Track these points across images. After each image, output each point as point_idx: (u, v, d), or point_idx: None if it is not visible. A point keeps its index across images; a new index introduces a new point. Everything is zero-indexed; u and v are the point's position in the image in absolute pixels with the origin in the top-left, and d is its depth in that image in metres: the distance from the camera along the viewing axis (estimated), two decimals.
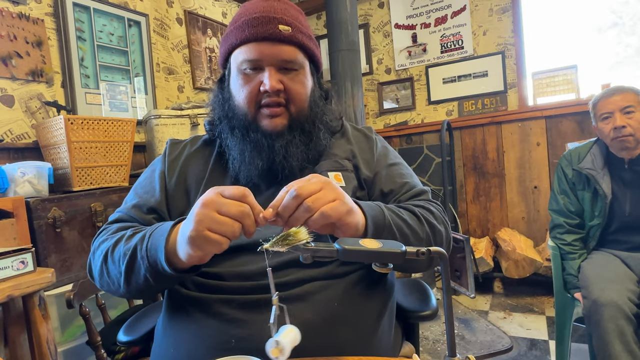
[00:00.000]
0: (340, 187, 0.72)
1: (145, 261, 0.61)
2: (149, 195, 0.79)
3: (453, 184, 2.95)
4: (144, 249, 0.61)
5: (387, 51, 3.28)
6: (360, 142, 0.87)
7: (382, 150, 0.88)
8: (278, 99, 0.73)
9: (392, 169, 0.84)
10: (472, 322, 2.23)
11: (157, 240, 0.60)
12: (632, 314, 1.22)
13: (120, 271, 0.64)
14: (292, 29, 0.74)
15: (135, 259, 0.62)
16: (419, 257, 0.47)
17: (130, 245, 0.64)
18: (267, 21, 0.73)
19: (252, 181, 0.76)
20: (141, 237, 0.64)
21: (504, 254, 2.54)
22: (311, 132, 0.77)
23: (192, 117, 2.01)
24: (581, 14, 2.79)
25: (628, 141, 1.40)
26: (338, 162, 0.80)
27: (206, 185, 0.77)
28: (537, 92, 2.80)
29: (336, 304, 0.66)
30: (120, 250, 0.65)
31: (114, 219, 0.77)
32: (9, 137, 1.72)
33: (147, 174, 0.84)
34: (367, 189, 0.81)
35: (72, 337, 1.62)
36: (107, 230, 0.74)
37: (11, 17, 1.73)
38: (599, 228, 1.50)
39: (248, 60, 0.74)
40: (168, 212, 0.78)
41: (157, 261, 0.60)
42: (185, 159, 0.83)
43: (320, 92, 0.83)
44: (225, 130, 0.79)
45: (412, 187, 0.81)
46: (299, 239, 0.48)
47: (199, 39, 2.76)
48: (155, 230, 0.63)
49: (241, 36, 0.74)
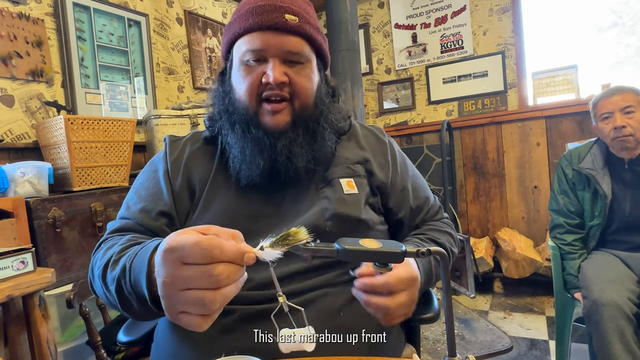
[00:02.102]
0: (353, 194, 0.73)
1: (134, 296, 0.53)
2: (156, 199, 0.73)
3: (453, 184, 2.95)
4: (128, 284, 0.53)
5: (387, 51, 3.27)
6: (373, 146, 0.83)
7: (401, 159, 0.85)
8: (282, 92, 0.69)
9: (415, 182, 0.85)
10: (472, 322, 2.23)
11: (138, 278, 0.51)
12: (632, 314, 1.22)
13: (116, 301, 0.57)
14: (300, 20, 0.69)
15: (123, 292, 0.55)
16: (419, 257, 0.47)
17: (115, 273, 0.56)
18: (272, 9, 0.68)
19: (253, 181, 0.71)
20: (122, 269, 0.55)
21: (504, 254, 2.54)
22: (315, 131, 0.73)
23: (192, 117, 2.01)
24: (581, 14, 2.79)
25: (628, 141, 1.40)
26: (350, 168, 0.77)
27: (211, 185, 0.74)
28: (537, 92, 2.80)
29: (341, 313, 0.65)
30: (109, 278, 0.58)
31: (116, 228, 0.71)
32: (9, 137, 1.72)
33: (147, 174, 0.79)
34: (379, 195, 0.78)
35: (72, 337, 1.62)
36: (106, 243, 0.67)
37: (11, 17, 1.73)
38: (599, 228, 1.50)
39: (251, 50, 0.69)
40: (176, 214, 0.73)
41: (147, 302, 0.51)
42: (188, 158, 0.78)
43: (327, 89, 0.78)
44: (225, 126, 0.74)
45: (432, 203, 0.86)
46: (299, 239, 0.48)
47: (199, 39, 2.76)
48: (133, 261, 0.54)
49: (245, 25, 0.69)
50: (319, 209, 0.70)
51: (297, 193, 0.73)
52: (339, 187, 0.73)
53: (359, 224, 0.71)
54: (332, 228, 0.69)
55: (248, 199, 0.72)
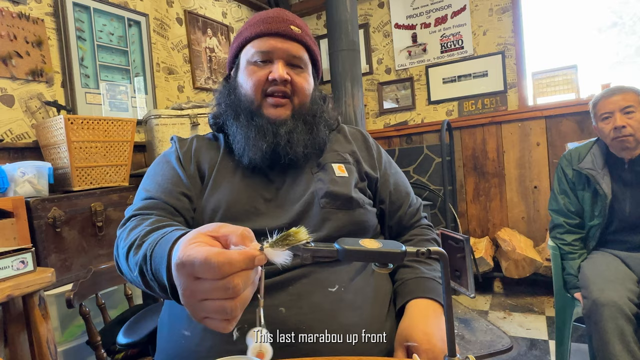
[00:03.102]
0: (344, 176, 0.82)
1: (156, 283, 0.55)
2: (175, 181, 0.78)
3: (453, 184, 2.95)
4: (149, 272, 0.56)
5: (387, 51, 3.27)
6: (358, 141, 0.94)
7: (385, 157, 0.95)
8: (284, 89, 0.79)
9: (397, 178, 0.92)
10: (472, 322, 2.23)
11: (158, 268, 0.53)
12: (632, 314, 1.23)
13: (140, 283, 0.60)
14: (302, 32, 0.82)
15: (145, 277, 0.57)
16: (419, 257, 0.47)
17: (138, 258, 0.59)
18: (281, 20, 0.81)
19: (256, 163, 0.79)
20: (143, 257, 0.57)
21: (504, 253, 2.54)
22: (312, 123, 0.83)
23: (192, 117, 2.01)
24: (581, 14, 2.79)
25: (628, 141, 1.40)
26: (340, 155, 0.86)
27: (218, 170, 0.81)
28: (537, 92, 2.80)
29: (342, 289, 0.70)
30: (132, 261, 0.61)
31: (143, 206, 0.72)
32: (9, 137, 1.72)
33: (161, 165, 0.83)
34: (367, 181, 0.87)
35: (72, 337, 1.62)
36: (131, 221, 0.69)
37: (11, 17, 1.73)
38: (599, 228, 1.50)
39: (260, 52, 0.80)
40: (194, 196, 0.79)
41: (168, 293, 0.52)
42: (196, 149, 0.86)
43: (320, 94, 0.90)
44: (230, 117, 0.83)
45: (412, 200, 0.92)
46: (299, 239, 0.48)
47: (199, 38, 2.76)
48: (154, 250, 0.56)
49: (256, 30, 0.81)
50: (314, 190, 0.79)
51: (295, 177, 0.82)
52: (331, 171, 0.82)
53: (350, 201, 0.79)
54: (325, 205, 0.77)
55: (252, 182, 0.80)
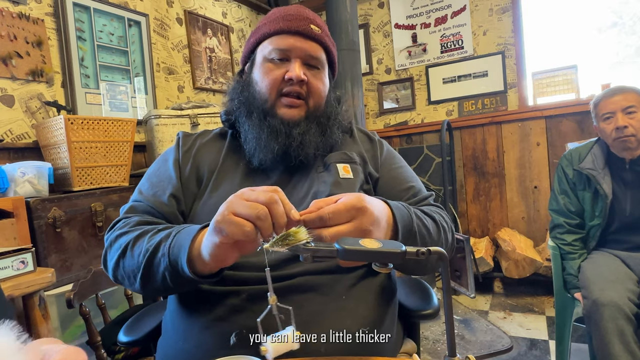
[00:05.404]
0: (349, 178, 0.79)
1: (166, 259, 0.60)
2: (166, 182, 0.79)
3: (453, 184, 2.95)
4: (167, 246, 0.61)
5: (387, 51, 3.27)
6: (365, 143, 0.92)
7: (388, 153, 0.92)
8: (300, 89, 0.78)
9: (398, 171, 0.88)
10: (472, 322, 2.23)
11: (183, 240, 0.60)
12: (632, 314, 1.22)
13: (139, 266, 0.64)
14: (322, 32, 0.81)
15: (155, 255, 0.62)
16: (419, 257, 0.47)
17: (153, 241, 0.63)
18: (301, 18, 0.79)
19: (265, 164, 0.79)
20: (166, 235, 0.63)
21: (504, 254, 2.54)
22: (325, 125, 0.82)
23: (192, 117, 2.01)
24: (581, 14, 2.79)
25: (630, 141, 1.40)
26: (346, 154, 0.84)
27: (219, 173, 0.80)
28: (537, 92, 2.80)
29: (344, 297, 0.68)
30: (142, 246, 0.65)
31: (129, 208, 0.77)
32: (9, 137, 1.72)
33: (159, 164, 0.85)
34: (371, 184, 0.84)
35: (72, 337, 1.62)
36: (126, 222, 0.73)
37: (11, 17, 1.73)
38: (599, 228, 1.49)
39: (278, 49, 0.78)
40: (183, 198, 0.79)
41: (178, 261, 0.59)
42: (198, 149, 0.85)
43: (335, 96, 0.89)
44: (242, 115, 0.82)
45: (418, 191, 0.84)
46: (298, 239, 0.48)
47: (199, 38, 2.76)
48: (182, 230, 0.63)
49: (275, 27, 0.79)
50: (316, 191, 0.77)
51: (300, 178, 0.81)
52: (335, 172, 0.80)
53: None
54: None
55: (253, 183, 0.79)
